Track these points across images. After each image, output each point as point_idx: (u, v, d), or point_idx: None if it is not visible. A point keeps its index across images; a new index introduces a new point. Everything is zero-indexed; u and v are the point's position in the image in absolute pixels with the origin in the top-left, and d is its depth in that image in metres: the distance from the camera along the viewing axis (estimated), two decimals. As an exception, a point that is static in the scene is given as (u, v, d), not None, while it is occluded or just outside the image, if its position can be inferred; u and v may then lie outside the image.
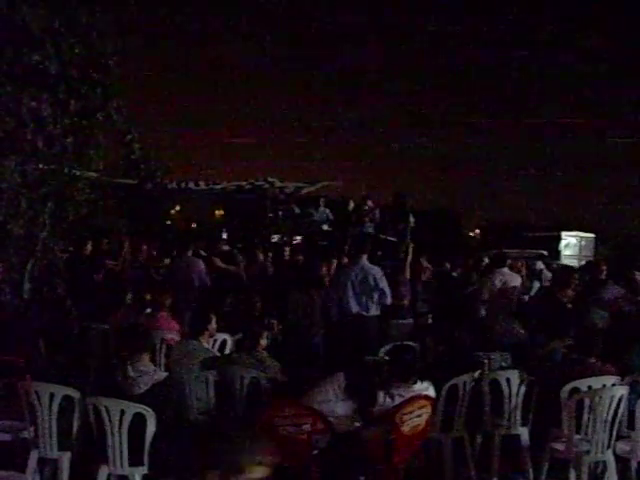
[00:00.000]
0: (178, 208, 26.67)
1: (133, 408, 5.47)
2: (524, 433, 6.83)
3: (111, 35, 9.24)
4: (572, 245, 26.32)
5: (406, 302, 10.15)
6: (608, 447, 6.07)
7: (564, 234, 26.41)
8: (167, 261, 12.88)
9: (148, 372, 5.80)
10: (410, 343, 7.46)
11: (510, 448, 6.83)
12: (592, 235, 27.55)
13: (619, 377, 6.43)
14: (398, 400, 5.78)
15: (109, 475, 5.64)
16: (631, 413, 6.30)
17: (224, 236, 19.74)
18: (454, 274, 13.57)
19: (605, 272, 11.01)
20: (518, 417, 6.80)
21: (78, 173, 9.55)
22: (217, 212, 26.10)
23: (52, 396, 5.77)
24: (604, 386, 6.20)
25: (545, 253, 21.51)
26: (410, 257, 11.28)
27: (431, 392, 6.02)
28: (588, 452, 6.02)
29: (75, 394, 5.81)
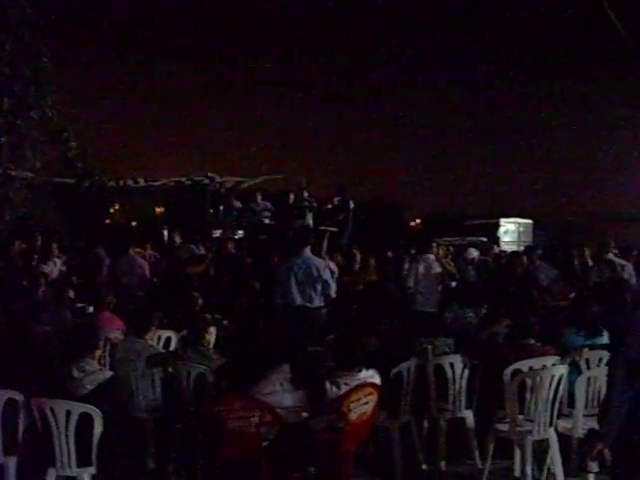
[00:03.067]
0: (117, 206, 26.33)
1: (79, 408, 5.42)
2: (469, 416, 6.97)
3: (44, 31, 9.07)
4: (511, 231, 26.75)
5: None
6: (550, 425, 6.24)
7: (503, 221, 26.83)
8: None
9: (93, 372, 5.74)
10: (352, 332, 7.52)
11: (456, 431, 6.97)
12: (530, 221, 28.04)
13: (558, 357, 6.61)
14: (344, 389, 5.83)
15: (57, 477, 5.57)
16: (571, 392, 6.47)
17: (165, 233, 19.56)
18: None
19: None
20: (463, 400, 6.94)
21: (14, 173, 9.37)
22: (157, 209, 25.83)
23: (-5, 400, 5.68)
24: (544, 366, 6.36)
25: (485, 240, 21.84)
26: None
27: (377, 379, 6.09)
28: (531, 431, 6.17)
29: (19, 397, 5.72)
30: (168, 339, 8.25)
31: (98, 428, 5.46)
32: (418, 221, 40.14)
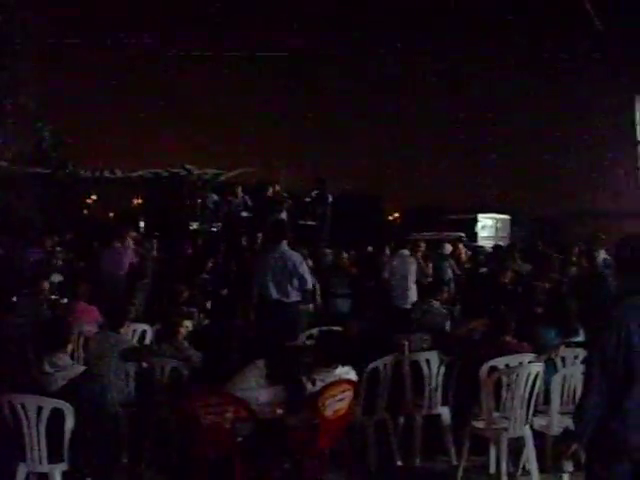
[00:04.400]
0: (95, 197, 26.14)
1: (51, 404, 5.34)
2: (445, 413, 6.96)
3: (19, 15, 8.90)
4: (488, 227, 26.75)
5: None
6: (526, 423, 6.23)
7: (480, 216, 26.81)
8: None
9: (65, 367, 5.66)
10: (335, 328, 7.49)
11: (432, 428, 6.96)
12: (507, 217, 28.09)
13: (535, 354, 6.61)
14: (320, 385, 5.80)
15: (28, 473, 5.51)
16: (547, 389, 6.46)
17: (141, 225, 19.45)
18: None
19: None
20: (439, 397, 6.93)
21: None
22: (135, 201, 25.68)
23: (-36, 395, 5.57)
24: (521, 364, 6.36)
25: (462, 235, 21.87)
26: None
27: (352, 376, 6.06)
28: (507, 429, 6.17)
29: (-11, 391, 5.63)
30: (143, 332, 8.19)
31: (70, 424, 5.39)
32: (397, 215, 40.12)
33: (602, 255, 10.75)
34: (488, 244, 21.76)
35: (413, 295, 10.81)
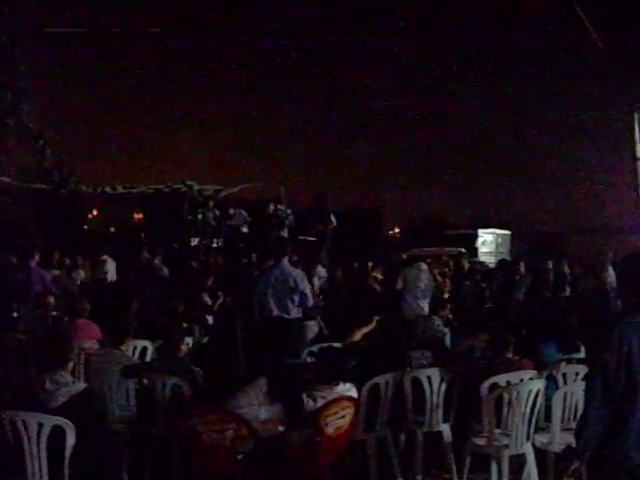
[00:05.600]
0: (95, 213, 26.22)
1: (51, 421, 5.33)
2: (446, 430, 6.94)
3: (21, 36, 8.96)
4: (489, 242, 26.72)
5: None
6: (527, 440, 6.23)
7: (481, 231, 26.78)
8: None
9: (67, 384, 5.65)
10: (335, 344, 7.48)
11: (433, 445, 6.94)
12: (508, 232, 28.08)
13: (536, 371, 6.60)
14: (321, 402, 5.79)
15: (29, 490, 5.49)
16: (548, 406, 6.46)
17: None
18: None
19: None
20: (440, 414, 6.90)
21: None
22: (136, 216, 25.74)
23: (-36, 411, 5.57)
24: (522, 381, 6.36)
25: (463, 250, 21.88)
26: None
27: (353, 393, 6.05)
28: (508, 446, 6.16)
29: (-11, 408, 5.62)
30: (144, 349, 8.18)
31: (71, 441, 5.37)
32: (397, 230, 40.07)
33: (610, 271, 10.75)
34: (489, 260, 21.78)
35: (423, 309, 10.78)
